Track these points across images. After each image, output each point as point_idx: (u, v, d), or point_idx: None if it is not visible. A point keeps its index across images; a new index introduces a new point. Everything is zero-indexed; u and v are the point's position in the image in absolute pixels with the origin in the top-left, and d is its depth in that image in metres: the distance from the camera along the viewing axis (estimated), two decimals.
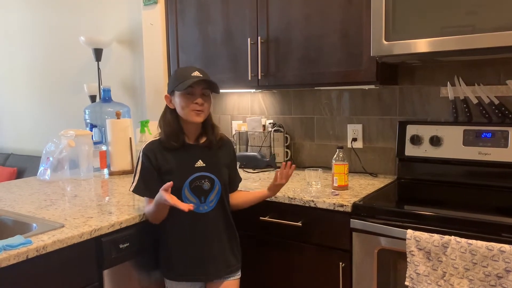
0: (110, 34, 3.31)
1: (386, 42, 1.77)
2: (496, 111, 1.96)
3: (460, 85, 2.03)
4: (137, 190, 1.63)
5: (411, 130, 2.10)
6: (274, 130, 2.48)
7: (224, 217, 1.68)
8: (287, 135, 2.52)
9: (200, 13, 2.46)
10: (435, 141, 2.02)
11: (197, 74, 1.59)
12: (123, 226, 1.58)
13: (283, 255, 1.89)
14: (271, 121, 2.58)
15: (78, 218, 1.59)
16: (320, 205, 1.75)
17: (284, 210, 1.84)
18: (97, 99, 3.32)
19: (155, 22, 2.75)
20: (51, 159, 2.34)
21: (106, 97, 2.74)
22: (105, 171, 2.46)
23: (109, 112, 2.63)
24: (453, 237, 1.44)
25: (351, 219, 1.69)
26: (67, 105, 3.72)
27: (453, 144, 1.99)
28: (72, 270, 1.43)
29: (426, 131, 2.06)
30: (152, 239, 1.68)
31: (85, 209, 1.72)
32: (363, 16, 1.91)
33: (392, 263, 1.63)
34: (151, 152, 1.62)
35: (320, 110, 2.45)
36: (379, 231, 1.62)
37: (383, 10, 1.76)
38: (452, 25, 1.64)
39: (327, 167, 2.23)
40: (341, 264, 1.72)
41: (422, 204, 1.85)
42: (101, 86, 3.07)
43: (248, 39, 2.25)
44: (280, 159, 2.46)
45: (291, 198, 1.82)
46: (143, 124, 2.48)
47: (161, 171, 1.61)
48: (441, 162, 2.03)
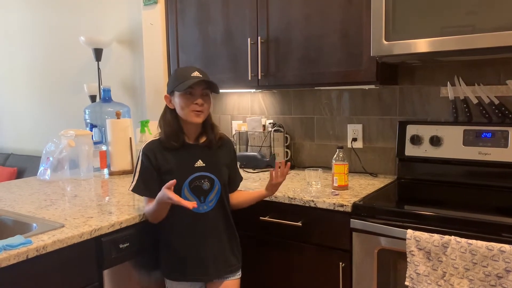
0: (110, 34, 3.31)
1: (386, 42, 1.77)
2: (496, 111, 1.96)
3: (460, 85, 2.03)
4: (137, 190, 1.63)
5: (411, 130, 2.10)
6: (274, 130, 2.48)
7: (224, 217, 1.68)
8: (287, 135, 2.52)
9: (200, 13, 2.46)
10: (435, 141, 2.02)
11: (197, 75, 1.58)
12: (123, 226, 1.58)
13: (283, 255, 1.89)
14: (271, 121, 2.58)
15: (78, 218, 1.59)
16: (320, 205, 1.75)
17: (284, 210, 1.84)
18: (97, 99, 3.32)
19: (155, 22, 2.75)
20: (51, 159, 2.34)
21: (106, 97, 2.74)
22: (105, 171, 2.46)
23: (109, 112, 2.63)
24: (453, 237, 1.44)
25: (351, 219, 1.69)
26: (67, 105, 3.72)
27: (453, 144, 1.99)
28: (72, 270, 1.43)
29: (426, 131, 2.06)
30: (152, 239, 1.68)
31: (85, 209, 1.72)
32: (363, 16, 1.91)
33: (392, 263, 1.63)
34: (151, 152, 1.62)
35: (320, 110, 2.45)
36: (379, 231, 1.62)
37: (383, 10, 1.76)
38: (452, 25, 1.64)
39: (327, 167, 2.23)
40: (341, 264, 1.72)
41: (422, 204, 1.85)
42: (101, 86, 3.07)
43: (248, 39, 2.25)
44: (280, 159, 2.45)
45: (291, 198, 1.82)
46: (143, 124, 2.48)
47: (161, 171, 1.61)
48: (441, 162, 2.03)
